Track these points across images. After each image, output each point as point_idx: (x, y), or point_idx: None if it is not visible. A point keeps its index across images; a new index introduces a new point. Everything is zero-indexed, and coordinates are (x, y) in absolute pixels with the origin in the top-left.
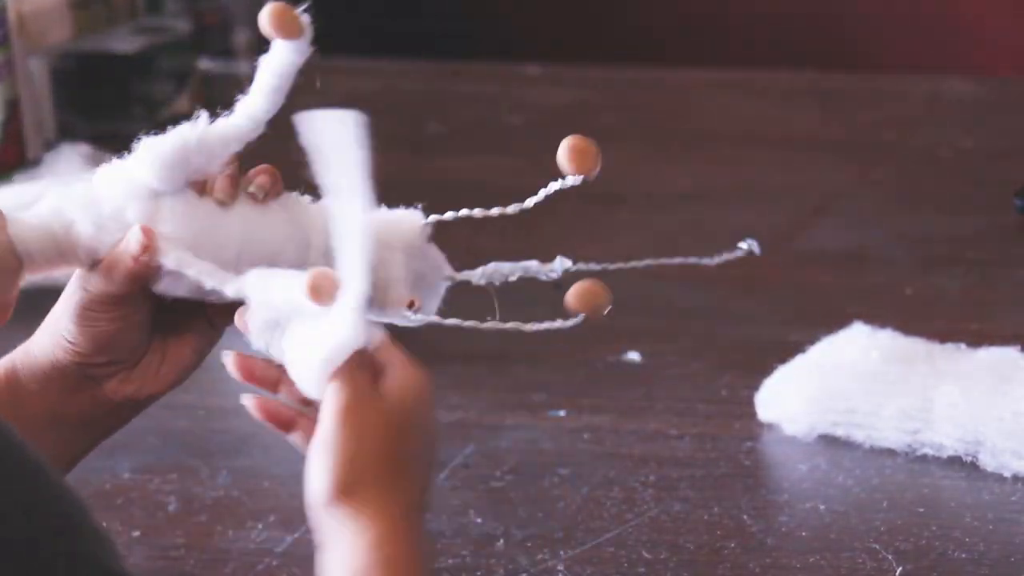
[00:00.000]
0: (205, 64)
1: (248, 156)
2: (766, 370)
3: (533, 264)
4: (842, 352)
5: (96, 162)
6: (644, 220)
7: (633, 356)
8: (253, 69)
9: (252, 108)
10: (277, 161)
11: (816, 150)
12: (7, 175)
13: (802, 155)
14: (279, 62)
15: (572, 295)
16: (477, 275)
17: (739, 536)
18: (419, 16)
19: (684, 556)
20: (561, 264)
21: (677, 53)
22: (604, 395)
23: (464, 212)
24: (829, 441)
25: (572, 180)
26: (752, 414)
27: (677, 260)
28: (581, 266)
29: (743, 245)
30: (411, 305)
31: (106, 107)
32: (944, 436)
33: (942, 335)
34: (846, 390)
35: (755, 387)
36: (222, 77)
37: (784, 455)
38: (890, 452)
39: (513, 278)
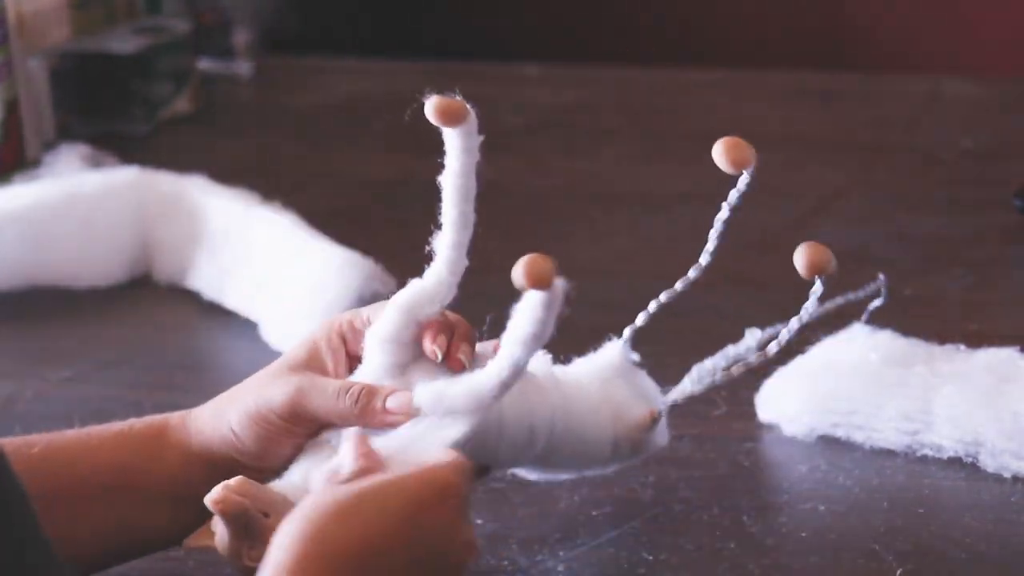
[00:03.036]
0: (205, 64)
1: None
2: (766, 370)
3: (729, 349)
4: (841, 354)
5: (96, 162)
6: (644, 220)
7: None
8: (252, 69)
9: (449, 226)
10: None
11: (816, 150)
12: (7, 175)
13: (802, 155)
14: (454, 152)
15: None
16: (687, 386)
17: (739, 536)
18: (419, 16)
19: (684, 556)
20: (751, 336)
21: (677, 53)
22: None
23: (652, 305)
24: (829, 442)
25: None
26: (752, 414)
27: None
28: (770, 331)
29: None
30: (652, 416)
31: (105, 107)
32: (944, 437)
33: (942, 335)
34: (846, 392)
35: (755, 387)
36: (222, 77)
37: (784, 456)
38: (890, 453)
39: (717, 377)
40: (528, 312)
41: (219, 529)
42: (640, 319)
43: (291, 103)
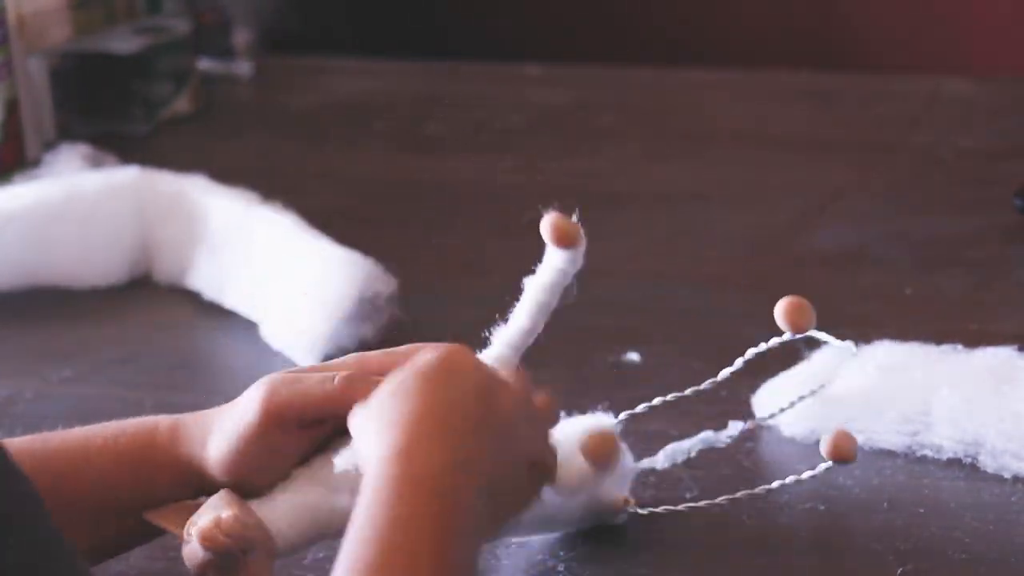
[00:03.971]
0: (205, 64)
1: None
2: (766, 370)
3: (709, 435)
4: (838, 368)
5: (96, 162)
6: (644, 220)
7: (633, 356)
8: (252, 69)
9: (515, 330)
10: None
11: (816, 150)
12: (7, 175)
13: (802, 155)
14: (551, 271)
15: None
16: (660, 460)
17: (739, 536)
18: (419, 16)
19: (684, 556)
20: (735, 428)
21: (677, 53)
22: (604, 395)
23: (657, 401)
24: None
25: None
26: (752, 415)
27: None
28: (754, 423)
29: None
30: (626, 503)
31: (106, 107)
32: (944, 438)
33: (942, 335)
34: (844, 402)
35: (755, 387)
36: (222, 77)
37: (784, 456)
38: (890, 453)
39: (693, 453)
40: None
41: (194, 549)
42: (640, 408)
43: (291, 103)
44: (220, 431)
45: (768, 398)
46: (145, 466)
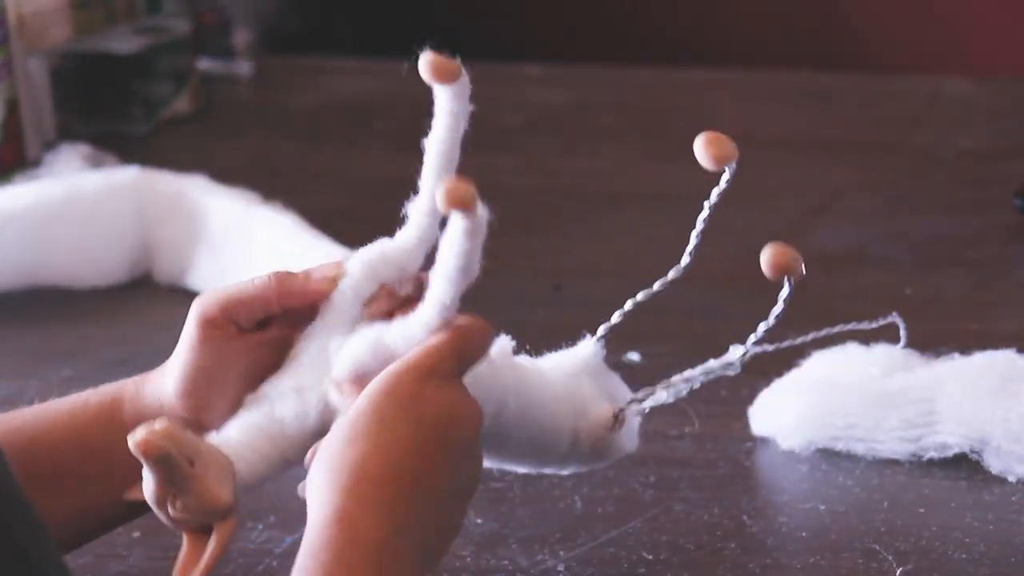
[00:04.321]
0: (205, 64)
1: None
2: (766, 371)
3: (711, 363)
4: (839, 367)
5: (96, 162)
6: (644, 220)
7: (633, 356)
8: (252, 69)
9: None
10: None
11: (816, 150)
12: (7, 175)
13: (802, 155)
14: (441, 114)
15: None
16: (662, 395)
17: (739, 536)
18: (419, 16)
19: (684, 556)
20: (736, 354)
21: (677, 53)
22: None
23: (628, 303)
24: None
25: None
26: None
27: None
28: (754, 349)
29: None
30: (616, 416)
31: (106, 107)
32: (948, 435)
33: (942, 335)
34: (845, 405)
35: (755, 387)
36: (222, 77)
37: (784, 455)
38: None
39: (696, 385)
40: (452, 244)
41: (144, 475)
42: (615, 317)
43: (291, 103)
44: (170, 364)
45: (763, 410)
46: (114, 422)
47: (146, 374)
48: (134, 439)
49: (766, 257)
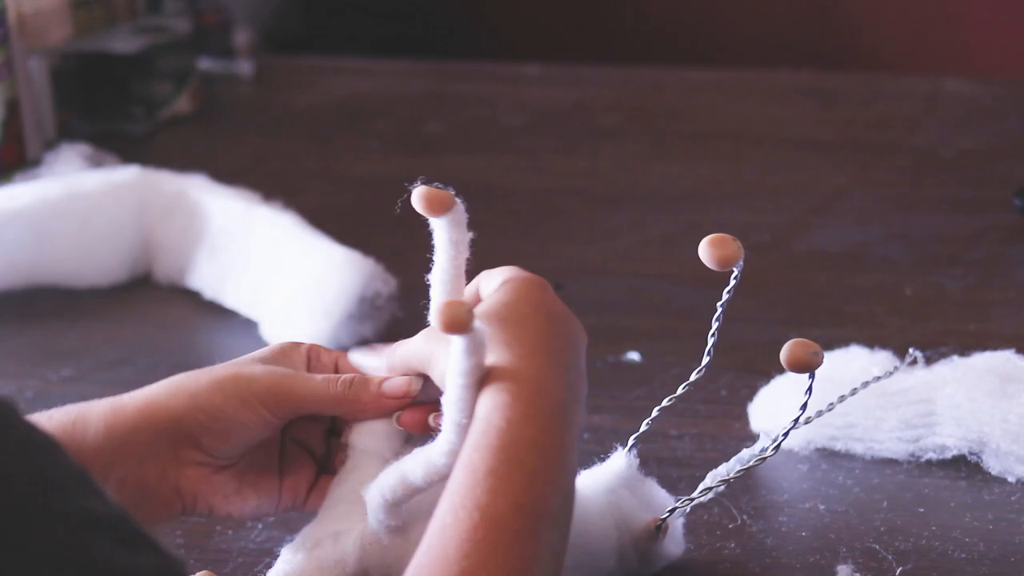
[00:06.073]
0: (205, 64)
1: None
2: (766, 371)
3: (744, 453)
4: (839, 369)
5: (96, 162)
6: (644, 220)
7: (633, 356)
8: (253, 69)
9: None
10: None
11: (816, 150)
12: (8, 174)
13: (802, 155)
14: (441, 245)
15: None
16: (702, 499)
17: (739, 536)
18: (419, 16)
19: (684, 556)
20: (768, 442)
21: (677, 53)
22: (604, 395)
23: (655, 411)
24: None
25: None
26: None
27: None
28: (782, 439)
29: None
30: (659, 526)
31: (106, 107)
32: (947, 436)
33: (942, 335)
34: (844, 405)
35: (755, 387)
36: (222, 77)
37: (783, 455)
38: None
39: (732, 476)
40: (456, 363)
41: None
42: (644, 425)
43: (291, 103)
44: (217, 383)
45: (762, 409)
46: (77, 425)
47: (117, 398)
48: None
49: (785, 355)
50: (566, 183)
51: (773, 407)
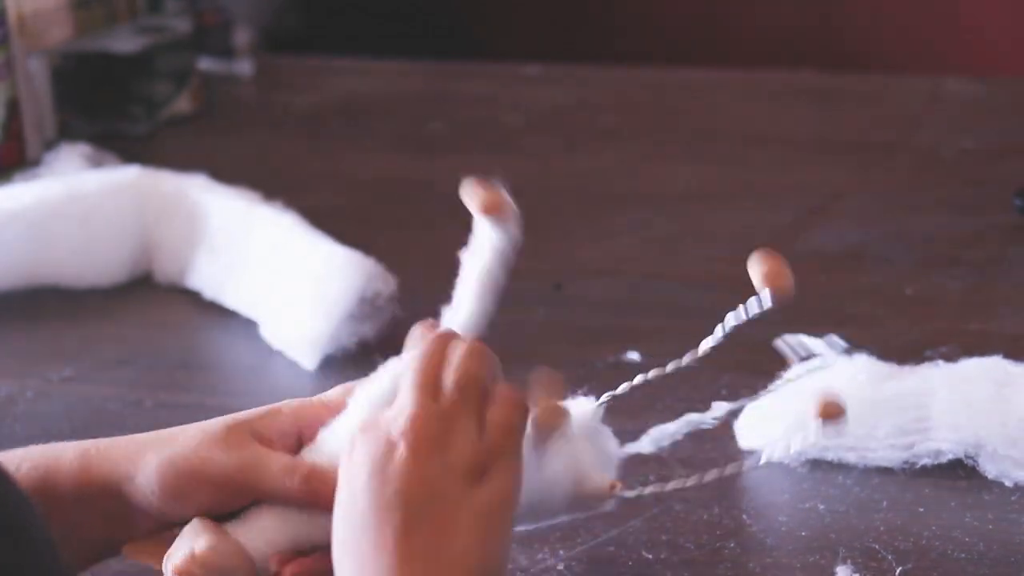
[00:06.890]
0: (205, 64)
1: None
2: (766, 371)
3: (694, 416)
4: (825, 378)
5: (96, 162)
6: (644, 220)
7: (633, 356)
8: (253, 69)
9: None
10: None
11: (816, 150)
12: (7, 174)
13: (802, 155)
14: (488, 249)
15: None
16: (645, 444)
17: (739, 536)
18: (419, 16)
19: (684, 556)
20: (719, 409)
21: (677, 53)
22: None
23: (638, 379)
24: None
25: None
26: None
27: None
28: (738, 403)
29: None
30: (613, 487)
31: (106, 107)
32: (942, 441)
33: (942, 335)
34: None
35: (755, 387)
36: (222, 77)
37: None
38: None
39: (679, 436)
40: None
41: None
42: (621, 388)
43: (291, 103)
44: (171, 460)
45: (752, 421)
46: (47, 482)
47: (86, 450)
48: (174, 566)
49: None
50: (566, 183)
51: (760, 424)
